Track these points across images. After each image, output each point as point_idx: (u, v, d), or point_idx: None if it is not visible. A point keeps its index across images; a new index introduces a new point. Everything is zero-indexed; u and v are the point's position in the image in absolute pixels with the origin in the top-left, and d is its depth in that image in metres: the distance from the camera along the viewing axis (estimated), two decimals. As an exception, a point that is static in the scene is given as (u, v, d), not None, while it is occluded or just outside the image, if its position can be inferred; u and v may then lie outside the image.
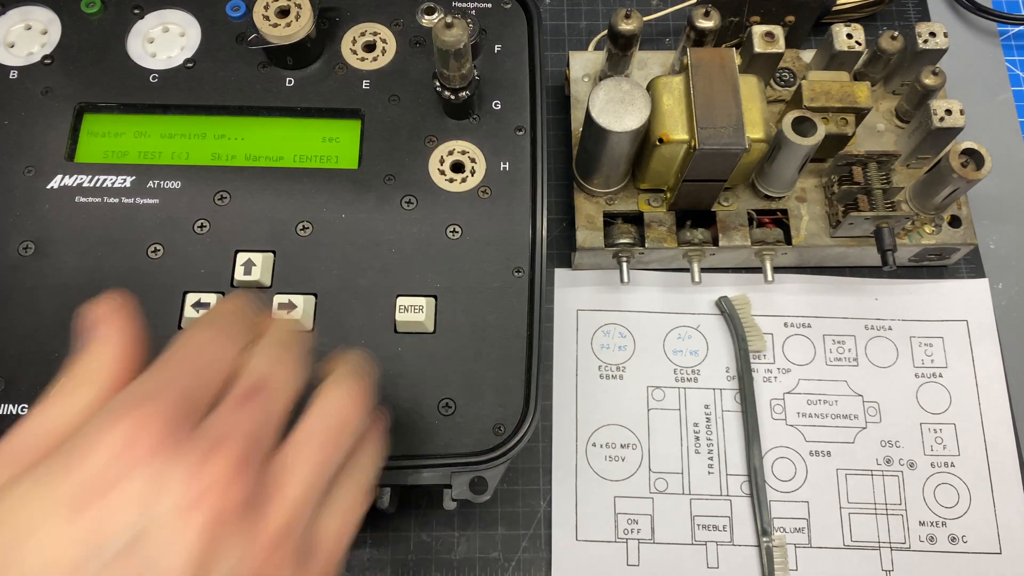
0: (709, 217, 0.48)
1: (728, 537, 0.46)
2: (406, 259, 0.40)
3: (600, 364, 0.49)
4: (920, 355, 0.49)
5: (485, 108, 0.43)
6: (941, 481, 0.47)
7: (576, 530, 0.45)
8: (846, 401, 0.48)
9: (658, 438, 0.47)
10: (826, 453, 0.47)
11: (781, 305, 0.50)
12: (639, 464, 0.47)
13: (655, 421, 0.48)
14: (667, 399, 0.48)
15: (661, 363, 0.49)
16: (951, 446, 0.48)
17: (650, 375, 0.49)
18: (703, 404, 0.48)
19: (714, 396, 0.48)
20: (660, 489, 0.46)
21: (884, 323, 0.50)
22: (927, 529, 0.46)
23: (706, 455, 0.47)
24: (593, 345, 0.49)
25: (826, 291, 0.51)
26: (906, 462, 0.47)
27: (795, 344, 0.50)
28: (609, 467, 0.47)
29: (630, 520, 0.46)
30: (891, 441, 0.48)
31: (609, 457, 0.47)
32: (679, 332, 0.50)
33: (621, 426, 0.48)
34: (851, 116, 0.46)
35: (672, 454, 0.47)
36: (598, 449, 0.47)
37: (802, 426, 0.48)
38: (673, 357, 0.49)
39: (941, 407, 0.48)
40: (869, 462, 0.47)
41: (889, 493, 0.47)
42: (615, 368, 0.49)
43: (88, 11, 0.44)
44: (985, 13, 0.58)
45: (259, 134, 0.43)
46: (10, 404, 0.37)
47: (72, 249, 0.40)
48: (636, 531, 0.46)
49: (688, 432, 0.48)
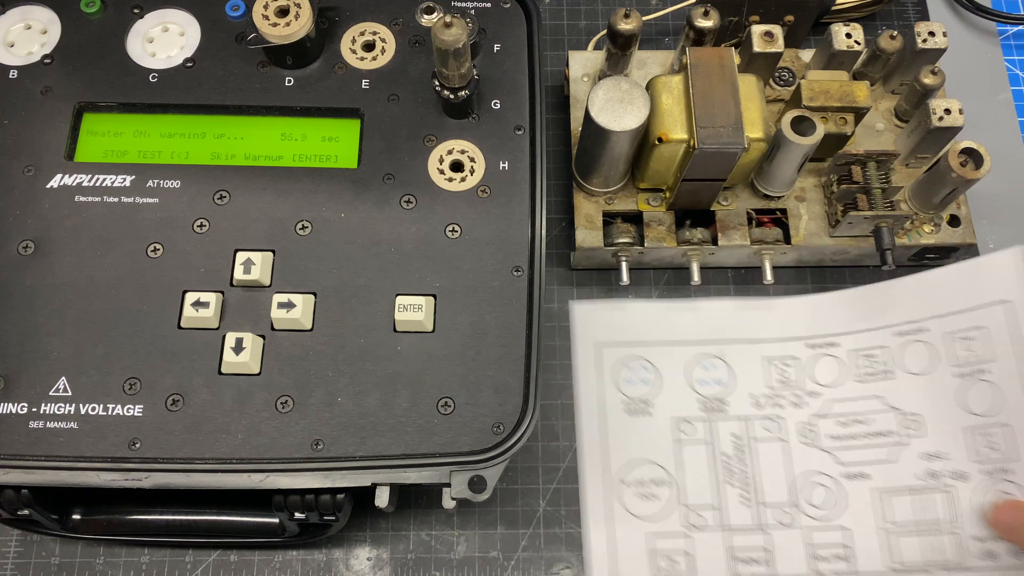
0: (708, 216, 0.48)
1: (768, 571, 0.43)
2: (405, 258, 0.40)
3: (625, 399, 0.46)
4: (960, 352, 0.44)
5: (484, 107, 0.43)
6: (997, 490, 0.42)
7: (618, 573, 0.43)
8: (882, 418, 0.45)
9: (690, 472, 0.45)
10: (863, 475, 0.44)
11: (801, 327, 0.47)
12: (673, 500, 0.44)
13: (686, 455, 0.45)
14: (696, 432, 0.46)
15: (687, 395, 0.46)
16: (1005, 450, 0.42)
17: (677, 407, 0.46)
18: (732, 434, 0.46)
19: (744, 426, 0.46)
20: (696, 525, 0.44)
21: (917, 325, 0.45)
22: (985, 545, 0.42)
23: (740, 486, 0.45)
24: (618, 381, 0.47)
25: (848, 304, 0.47)
26: (954, 474, 0.43)
27: (823, 366, 0.46)
28: (642, 505, 0.44)
29: (667, 558, 0.43)
30: (935, 454, 0.43)
31: (642, 495, 0.45)
32: (704, 363, 0.47)
33: (652, 462, 0.45)
34: (850, 115, 0.46)
35: (705, 488, 0.45)
36: (630, 488, 0.45)
37: (836, 449, 0.45)
38: (699, 388, 0.47)
39: (990, 407, 0.43)
40: (912, 479, 0.43)
41: (939, 509, 0.43)
42: (641, 403, 0.46)
43: (88, 11, 0.44)
44: (984, 13, 0.58)
45: (258, 133, 0.43)
46: (10, 403, 0.37)
47: (72, 248, 0.40)
48: (675, 570, 0.43)
49: (718, 463, 0.45)
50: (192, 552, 0.44)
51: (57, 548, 0.44)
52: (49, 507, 0.39)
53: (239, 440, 0.37)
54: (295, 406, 0.38)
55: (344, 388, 0.38)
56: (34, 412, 0.37)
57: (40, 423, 0.37)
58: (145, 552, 0.44)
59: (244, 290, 0.40)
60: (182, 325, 0.39)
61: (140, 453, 0.37)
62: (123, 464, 0.37)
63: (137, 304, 0.39)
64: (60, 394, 0.38)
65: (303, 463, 0.37)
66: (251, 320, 0.39)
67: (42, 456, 0.37)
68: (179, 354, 0.38)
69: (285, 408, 0.38)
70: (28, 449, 0.37)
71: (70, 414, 0.37)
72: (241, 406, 0.38)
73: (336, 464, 0.37)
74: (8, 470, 0.36)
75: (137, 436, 0.37)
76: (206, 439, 0.37)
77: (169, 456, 0.37)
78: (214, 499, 0.41)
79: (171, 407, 0.38)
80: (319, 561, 0.44)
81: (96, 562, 0.44)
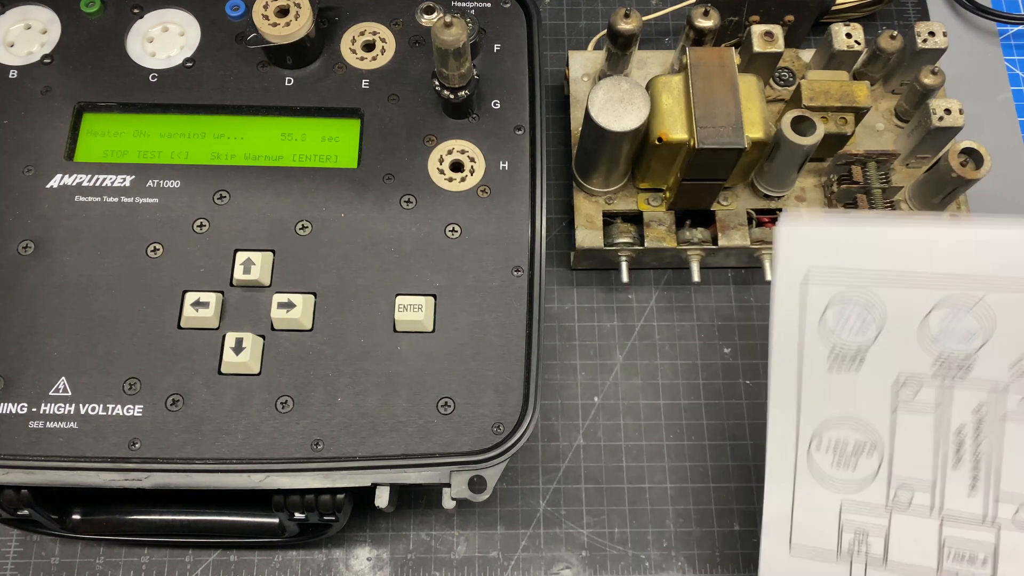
0: (708, 216, 0.48)
1: (989, 574, 0.36)
2: (405, 258, 0.40)
3: (833, 349, 0.37)
4: None
5: (484, 107, 0.43)
6: None
7: (790, 541, 0.38)
8: None
9: (904, 443, 0.37)
10: None
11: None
12: (876, 472, 0.37)
13: (902, 424, 0.37)
14: (921, 396, 0.37)
15: (917, 350, 0.37)
16: None
17: (901, 363, 0.37)
18: (975, 404, 0.36)
19: (992, 398, 0.36)
20: (902, 502, 0.37)
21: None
22: None
23: (970, 469, 0.36)
24: (824, 323, 0.37)
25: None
26: None
27: None
28: (838, 472, 0.38)
29: (859, 534, 0.38)
30: None
31: (837, 463, 0.38)
32: (950, 309, 0.36)
33: (855, 426, 0.38)
34: (850, 115, 0.46)
35: (922, 464, 0.37)
36: (823, 454, 0.38)
37: None
38: (937, 342, 0.36)
39: None
40: None
41: None
42: (852, 354, 0.37)
43: (88, 11, 0.44)
44: (985, 12, 0.58)
45: (258, 133, 0.43)
46: (10, 403, 0.37)
47: (72, 248, 0.40)
48: (865, 550, 0.37)
49: (948, 439, 0.37)
50: (192, 552, 0.44)
51: (57, 548, 0.44)
52: (49, 507, 0.39)
53: (239, 440, 0.37)
54: (295, 406, 0.38)
55: (344, 388, 0.38)
56: (34, 412, 0.37)
57: (40, 423, 0.37)
58: (145, 552, 0.44)
59: (244, 290, 0.40)
60: (182, 325, 0.39)
61: (140, 453, 0.37)
62: (123, 464, 0.37)
63: (137, 304, 0.39)
64: (60, 394, 0.38)
65: (303, 463, 0.37)
66: (251, 320, 0.39)
67: (42, 456, 0.37)
68: (179, 354, 0.38)
69: (285, 408, 0.38)
70: (28, 449, 0.37)
71: (70, 414, 0.37)
72: (241, 406, 0.38)
73: (336, 464, 0.37)
74: (8, 470, 0.36)
75: (137, 436, 0.37)
76: (206, 439, 0.37)
77: (169, 456, 0.37)
78: (214, 499, 0.41)
79: (171, 407, 0.38)
80: (319, 561, 0.44)
81: (96, 562, 0.44)
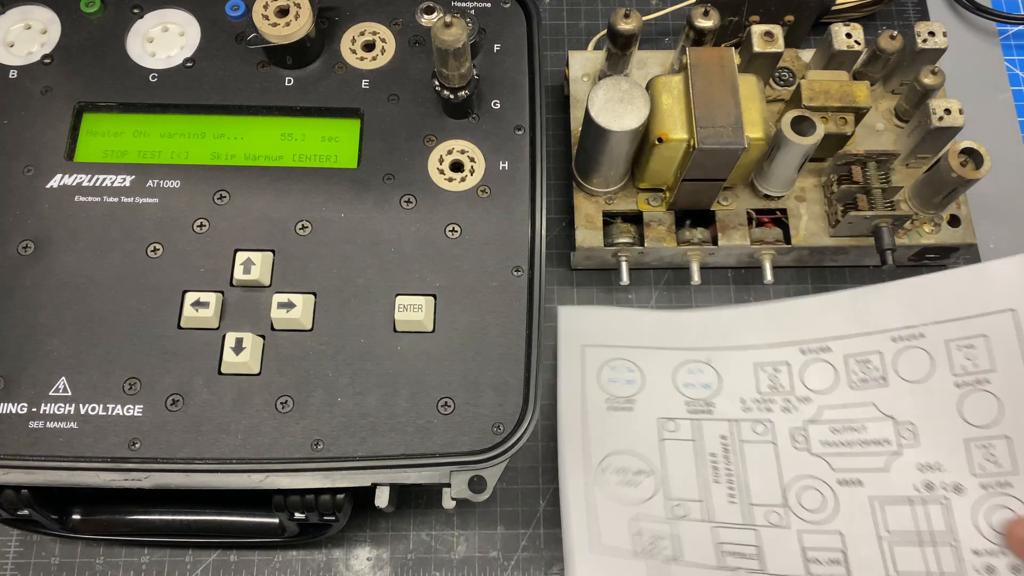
0: (708, 216, 0.48)
1: (759, 565, 0.42)
2: (405, 258, 0.40)
3: (608, 397, 0.46)
4: (960, 360, 0.43)
5: (484, 107, 0.43)
6: (996, 504, 0.41)
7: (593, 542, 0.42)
8: (876, 425, 0.44)
9: (674, 467, 0.44)
10: (856, 482, 0.43)
11: (794, 330, 0.46)
12: (655, 491, 0.44)
13: (669, 451, 0.45)
14: (680, 430, 0.45)
15: (672, 396, 0.46)
16: (1005, 463, 0.41)
17: (662, 408, 0.46)
18: (719, 435, 0.45)
19: (730, 427, 0.45)
20: (680, 515, 0.43)
21: (914, 330, 0.44)
22: (983, 559, 0.40)
23: (726, 484, 0.44)
24: (600, 380, 0.46)
25: (842, 307, 0.46)
26: (951, 486, 0.42)
27: (814, 371, 0.45)
28: (625, 492, 0.44)
29: (653, 537, 0.42)
30: (931, 465, 0.42)
31: (624, 483, 0.44)
32: (689, 367, 0.46)
33: (634, 454, 0.44)
34: (850, 115, 0.46)
35: (690, 483, 0.44)
36: (609, 475, 0.44)
37: (828, 455, 0.44)
38: (684, 391, 0.46)
39: (990, 419, 0.42)
40: (907, 489, 0.42)
41: (934, 522, 0.41)
42: (624, 400, 0.46)
43: (88, 11, 0.44)
44: (985, 12, 0.58)
45: (258, 133, 0.43)
46: (10, 403, 0.37)
47: (71, 248, 0.40)
48: (661, 548, 0.42)
49: (706, 462, 0.44)
50: (192, 552, 0.44)
51: (57, 548, 0.44)
52: (49, 507, 0.39)
53: (239, 440, 0.37)
54: (295, 406, 0.38)
55: (344, 388, 0.38)
56: (34, 412, 0.37)
57: (40, 423, 0.37)
58: (145, 552, 0.44)
59: (244, 290, 0.40)
60: (182, 325, 0.39)
61: (140, 453, 0.37)
62: (123, 464, 0.37)
63: (137, 304, 0.39)
64: (60, 394, 0.38)
65: (303, 463, 0.37)
66: (251, 320, 0.39)
67: (42, 456, 0.37)
68: (179, 354, 0.38)
69: (285, 408, 0.38)
70: (28, 449, 0.37)
71: (70, 414, 0.37)
72: (241, 406, 0.38)
73: (336, 464, 0.37)
74: (8, 470, 0.36)
75: (137, 436, 0.37)
76: (206, 439, 0.37)
77: (169, 456, 0.37)
78: (214, 499, 0.41)
79: (171, 407, 0.38)
80: (319, 561, 0.44)
81: (96, 562, 0.44)
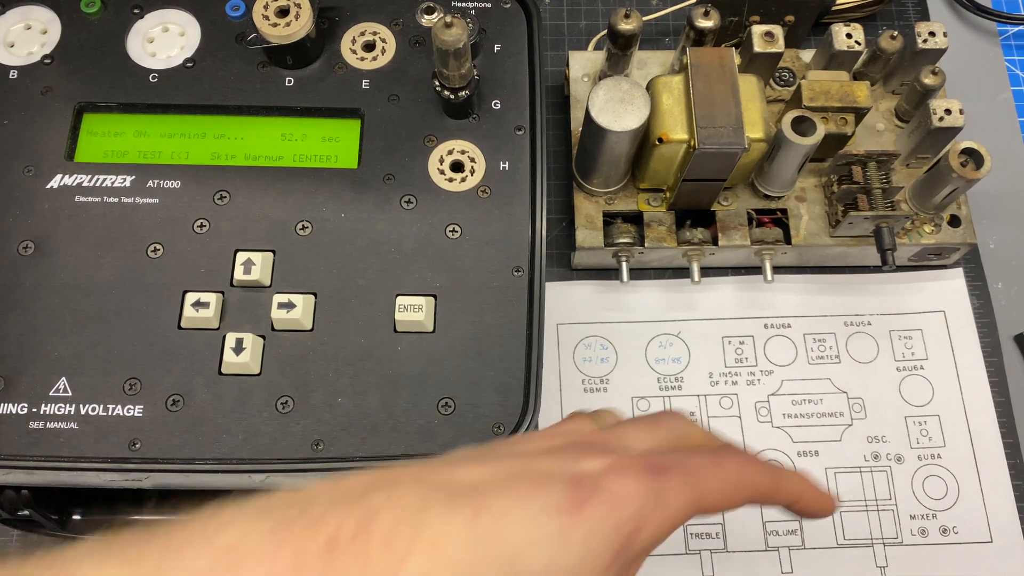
0: (709, 217, 0.48)
1: (722, 544, 0.45)
2: (406, 258, 0.40)
3: (584, 378, 0.49)
4: (900, 348, 0.50)
5: (485, 108, 0.43)
6: (929, 473, 0.47)
7: None
8: (831, 399, 0.49)
9: None
10: (814, 452, 0.48)
11: (761, 306, 0.51)
12: None
13: None
14: (652, 409, 0.48)
15: (644, 373, 0.49)
16: (936, 438, 0.48)
17: (634, 386, 0.49)
18: (688, 412, 0.48)
19: (699, 402, 0.49)
20: None
21: (863, 319, 0.50)
22: (918, 522, 0.46)
23: None
24: (575, 359, 0.49)
25: (805, 291, 0.51)
26: (893, 456, 0.48)
27: (776, 345, 0.50)
28: None
29: None
30: (877, 436, 0.48)
31: None
32: (660, 340, 0.50)
33: None
34: (850, 116, 0.46)
35: None
36: None
37: (788, 427, 0.48)
38: (656, 366, 0.49)
39: (924, 399, 0.49)
40: (857, 459, 0.48)
41: (879, 489, 0.47)
42: (599, 381, 0.49)
43: (88, 11, 0.44)
44: (985, 13, 0.58)
45: (259, 134, 0.43)
46: (10, 403, 0.37)
47: (72, 248, 0.40)
48: None
49: None
50: (192, 552, 0.44)
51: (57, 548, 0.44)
52: (49, 507, 0.39)
53: (239, 440, 0.37)
54: (295, 406, 0.38)
55: (344, 388, 0.38)
56: (34, 412, 0.37)
57: (40, 423, 0.37)
58: (145, 552, 0.44)
59: (244, 290, 0.40)
60: (182, 325, 0.39)
61: (140, 453, 0.37)
62: (123, 464, 0.37)
63: (137, 304, 0.39)
64: (60, 394, 0.38)
65: (303, 463, 0.37)
66: (251, 320, 0.39)
67: (42, 456, 0.37)
68: (179, 354, 0.38)
69: (285, 408, 0.38)
70: (28, 449, 0.37)
71: (70, 414, 0.37)
72: (241, 406, 0.38)
73: (336, 464, 0.37)
74: (8, 470, 0.36)
75: (137, 436, 0.37)
76: (206, 439, 0.37)
77: (169, 456, 0.37)
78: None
79: (171, 407, 0.38)
80: (319, 561, 0.44)
81: (96, 562, 0.44)
